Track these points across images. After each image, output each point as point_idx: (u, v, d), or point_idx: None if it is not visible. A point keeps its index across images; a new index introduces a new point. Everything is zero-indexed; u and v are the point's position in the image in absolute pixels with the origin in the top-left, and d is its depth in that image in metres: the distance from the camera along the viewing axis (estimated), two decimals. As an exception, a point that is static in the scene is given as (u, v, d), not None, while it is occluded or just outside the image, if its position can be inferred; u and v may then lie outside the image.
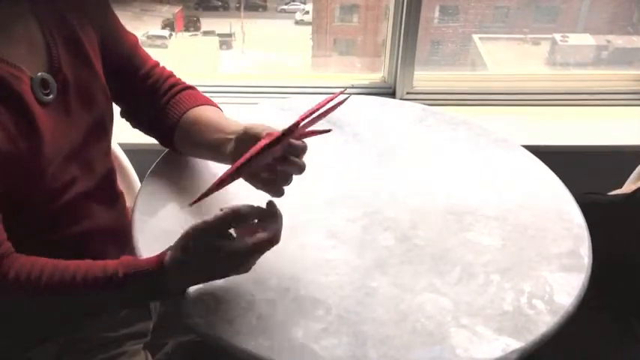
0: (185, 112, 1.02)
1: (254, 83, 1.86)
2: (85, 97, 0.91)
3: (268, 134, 0.84)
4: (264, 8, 2.76)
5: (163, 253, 0.79)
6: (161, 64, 1.09)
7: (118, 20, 1.01)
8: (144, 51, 1.06)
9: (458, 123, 1.32)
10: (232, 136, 0.94)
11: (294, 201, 1.03)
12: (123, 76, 1.02)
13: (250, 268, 0.81)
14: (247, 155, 0.82)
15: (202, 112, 1.03)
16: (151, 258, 0.80)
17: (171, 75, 1.08)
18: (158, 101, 1.04)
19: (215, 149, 0.97)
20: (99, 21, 0.96)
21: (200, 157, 1.06)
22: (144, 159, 1.17)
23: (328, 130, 0.87)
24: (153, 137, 1.09)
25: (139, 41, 1.07)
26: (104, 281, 0.78)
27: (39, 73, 0.85)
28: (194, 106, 1.03)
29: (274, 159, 0.84)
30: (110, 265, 0.79)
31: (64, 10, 0.90)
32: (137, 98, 1.05)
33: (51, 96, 0.86)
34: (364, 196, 1.07)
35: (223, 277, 0.82)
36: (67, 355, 0.98)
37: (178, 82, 1.07)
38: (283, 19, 2.76)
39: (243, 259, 0.79)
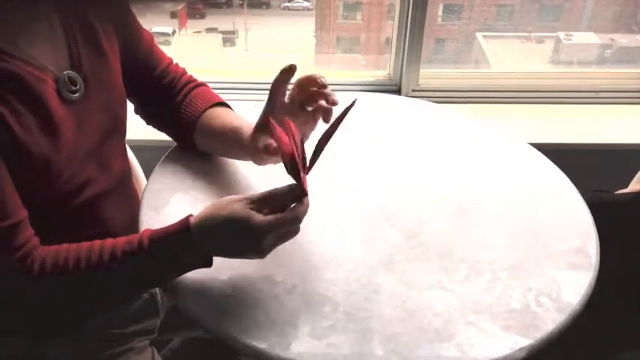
0: (202, 113, 1.04)
1: (258, 80, 1.85)
2: (103, 95, 0.92)
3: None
4: (268, 5, 2.76)
5: (188, 216, 0.80)
6: (174, 61, 1.09)
7: (136, 18, 1.01)
8: (159, 48, 1.06)
9: (464, 120, 1.32)
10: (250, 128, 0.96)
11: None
12: (139, 74, 1.02)
13: (267, 248, 0.79)
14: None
15: (218, 114, 1.04)
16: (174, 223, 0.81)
17: (184, 73, 1.09)
18: (173, 100, 1.05)
19: (233, 152, 1.01)
20: (119, 19, 0.96)
21: (218, 152, 1.08)
22: (150, 156, 1.17)
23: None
24: (167, 134, 1.10)
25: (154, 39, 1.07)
26: (131, 252, 0.79)
27: (64, 72, 0.85)
28: (209, 106, 1.05)
29: None
30: (134, 236, 0.80)
31: (85, 8, 0.90)
32: (153, 96, 1.05)
33: (77, 94, 0.87)
34: (370, 194, 1.07)
35: (243, 250, 0.80)
36: (77, 351, 0.99)
37: (191, 79, 1.08)
38: (287, 17, 2.76)
39: (263, 231, 0.77)
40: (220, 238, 0.79)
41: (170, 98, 1.05)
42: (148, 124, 1.10)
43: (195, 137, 1.04)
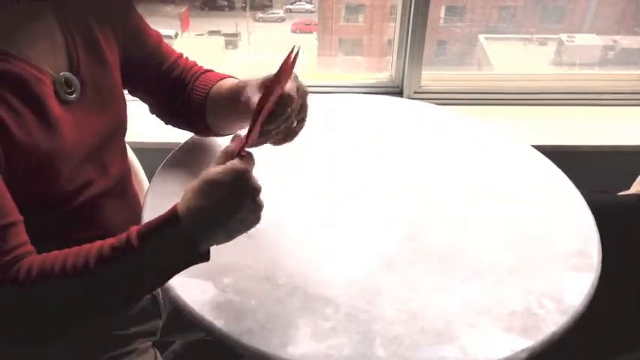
0: (209, 90, 1.03)
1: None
2: (102, 98, 0.92)
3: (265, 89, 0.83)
4: (270, 8, 2.76)
5: (175, 204, 0.75)
6: (184, 56, 1.10)
7: (142, 20, 1.02)
8: (167, 45, 1.07)
9: (465, 122, 1.32)
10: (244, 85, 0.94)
11: (302, 201, 1.03)
12: (148, 73, 1.03)
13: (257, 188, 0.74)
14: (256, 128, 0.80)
15: (223, 84, 1.04)
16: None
17: (194, 64, 1.09)
18: (184, 90, 1.05)
19: (242, 116, 0.94)
20: (121, 24, 0.96)
21: (234, 129, 1.05)
22: (152, 158, 1.18)
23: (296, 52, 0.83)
24: (185, 128, 1.10)
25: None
26: (120, 249, 0.73)
27: (61, 73, 0.85)
28: (216, 82, 1.04)
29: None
30: (122, 235, 0.75)
31: (84, 12, 0.90)
32: (165, 91, 1.05)
33: (74, 95, 0.87)
34: (371, 195, 1.07)
35: (239, 205, 0.73)
36: (78, 352, 0.99)
37: (201, 69, 1.09)
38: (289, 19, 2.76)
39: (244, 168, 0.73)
40: (209, 202, 0.73)
41: (181, 89, 1.05)
42: (166, 123, 1.10)
43: (207, 116, 1.04)
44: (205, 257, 0.76)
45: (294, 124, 0.91)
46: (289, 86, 0.86)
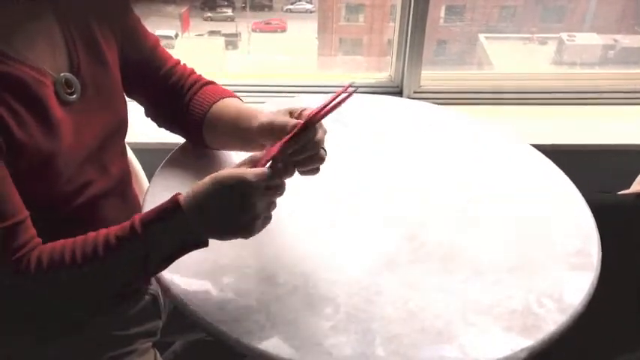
0: (210, 107, 1.03)
1: (260, 82, 1.86)
2: (102, 99, 0.92)
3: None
4: (270, 8, 2.77)
5: (176, 193, 0.79)
6: (182, 62, 1.09)
7: (140, 22, 1.02)
8: (164, 50, 1.06)
9: (465, 122, 1.32)
10: (257, 125, 0.94)
11: (303, 200, 1.03)
12: (145, 75, 1.03)
13: (259, 208, 0.78)
14: (276, 148, 0.82)
15: (227, 104, 1.04)
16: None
17: (192, 72, 1.08)
18: (182, 99, 1.05)
19: (243, 140, 0.99)
20: (119, 24, 0.96)
21: (228, 148, 1.09)
22: (152, 158, 1.18)
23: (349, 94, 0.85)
24: (179, 135, 1.10)
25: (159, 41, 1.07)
26: (124, 237, 0.78)
27: (62, 74, 0.86)
28: (218, 100, 1.04)
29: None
30: (126, 223, 0.80)
31: (84, 12, 0.91)
32: (160, 97, 1.05)
33: (75, 95, 0.87)
34: (372, 195, 1.07)
35: (236, 213, 0.78)
36: (78, 353, 0.99)
37: (200, 78, 1.08)
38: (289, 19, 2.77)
39: (253, 183, 0.77)
40: (213, 202, 0.78)
41: (179, 97, 1.05)
42: (159, 126, 1.10)
43: (204, 132, 1.04)
44: (205, 243, 0.80)
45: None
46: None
